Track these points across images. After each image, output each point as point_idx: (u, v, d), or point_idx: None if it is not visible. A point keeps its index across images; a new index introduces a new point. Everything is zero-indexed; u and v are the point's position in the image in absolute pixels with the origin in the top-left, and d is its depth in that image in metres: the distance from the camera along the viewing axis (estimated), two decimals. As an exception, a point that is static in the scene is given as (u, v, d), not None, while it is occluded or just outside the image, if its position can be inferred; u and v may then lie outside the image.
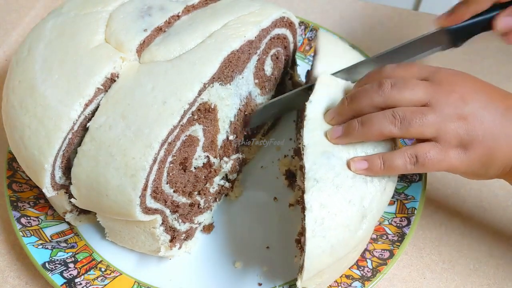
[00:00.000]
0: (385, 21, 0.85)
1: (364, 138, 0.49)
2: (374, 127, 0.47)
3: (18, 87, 0.51)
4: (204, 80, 0.50)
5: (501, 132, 0.47)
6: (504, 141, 0.47)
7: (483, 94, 0.48)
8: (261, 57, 0.60)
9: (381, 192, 0.49)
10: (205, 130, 0.55)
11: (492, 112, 0.47)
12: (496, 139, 0.47)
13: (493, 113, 0.47)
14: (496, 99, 0.48)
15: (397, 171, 0.48)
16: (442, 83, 0.48)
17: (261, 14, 0.57)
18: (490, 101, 0.47)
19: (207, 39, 0.53)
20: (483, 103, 0.47)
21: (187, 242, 0.58)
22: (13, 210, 0.58)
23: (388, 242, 0.56)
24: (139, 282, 0.55)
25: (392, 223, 0.58)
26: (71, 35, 0.53)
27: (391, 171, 0.48)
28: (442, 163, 0.47)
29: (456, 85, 0.48)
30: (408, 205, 0.59)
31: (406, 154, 0.47)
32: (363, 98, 0.49)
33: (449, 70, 0.50)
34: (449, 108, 0.47)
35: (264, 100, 0.65)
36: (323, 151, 0.49)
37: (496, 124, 0.47)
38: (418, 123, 0.46)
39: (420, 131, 0.46)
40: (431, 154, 0.46)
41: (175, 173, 0.53)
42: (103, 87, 0.50)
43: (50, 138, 0.49)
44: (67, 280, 0.53)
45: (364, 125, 0.48)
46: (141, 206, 0.49)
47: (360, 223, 0.48)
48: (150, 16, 0.55)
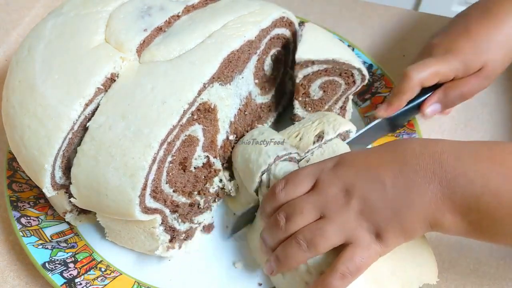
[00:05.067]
0: (385, 21, 0.85)
1: (289, 268, 0.49)
2: (290, 260, 0.48)
3: (18, 87, 0.51)
4: (203, 80, 0.50)
5: (400, 204, 0.45)
6: (406, 211, 0.45)
7: (366, 174, 0.47)
8: (261, 57, 0.60)
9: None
10: (205, 130, 0.55)
11: (379, 189, 0.45)
12: (398, 212, 0.45)
13: (381, 189, 0.45)
14: (383, 170, 0.46)
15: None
16: (324, 186, 0.48)
17: (261, 14, 0.57)
18: (375, 178, 0.46)
19: (207, 39, 0.53)
20: (368, 187, 0.46)
21: (187, 242, 0.58)
22: (13, 210, 0.58)
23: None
24: (139, 282, 0.55)
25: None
26: (71, 35, 0.53)
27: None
28: (373, 258, 0.46)
29: (337, 180, 0.47)
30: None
31: (340, 271, 0.45)
32: (270, 239, 0.50)
33: (329, 163, 0.49)
34: (340, 210, 0.46)
35: (264, 100, 0.65)
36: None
37: (390, 199, 0.45)
38: (322, 240, 0.46)
39: (330, 244, 0.46)
40: (358, 258, 0.45)
41: (175, 173, 0.53)
42: (103, 87, 0.50)
43: (50, 138, 0.49)
44: (67, 280, 0.53)
45: (282, 261, 0.48)
46: (141, 205, 0.49)
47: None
48: (150, 16, 0.55)
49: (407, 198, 0.45)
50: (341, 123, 0.59)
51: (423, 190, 0.44)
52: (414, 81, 0.59)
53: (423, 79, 0.60)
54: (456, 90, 0.61)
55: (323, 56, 0.58)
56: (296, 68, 0.59)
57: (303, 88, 0.61)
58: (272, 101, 0.66)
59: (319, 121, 0.60)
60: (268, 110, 0.67)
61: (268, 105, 0.66)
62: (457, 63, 0.60)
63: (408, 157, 0.46)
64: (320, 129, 0.59)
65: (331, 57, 0.58)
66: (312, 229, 0.47)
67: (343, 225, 0.46)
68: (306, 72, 0.59)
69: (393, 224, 0.45)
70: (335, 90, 0.62)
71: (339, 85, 0.62)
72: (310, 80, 0.60)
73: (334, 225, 0.46)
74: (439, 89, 0.62)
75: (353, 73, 0.61)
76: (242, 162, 0.58)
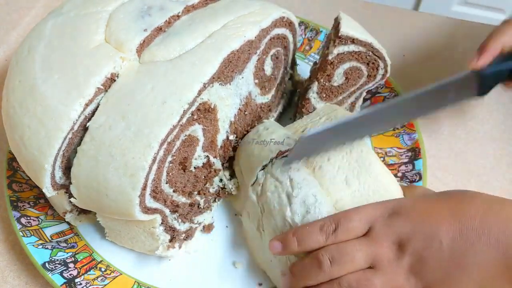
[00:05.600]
0: (385, 21, 0.85)
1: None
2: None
3: (18, 87, 0.51)
4: (204, 80, 0.50)
5: (455, 266, 0.42)
6: (461, 275, 0.42)
7: (422, 229, 0.44)
8: (261, 57, 0.60)
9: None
10: (205, 130, 0.55)
11: (434, 247, 0.43)
12: (451, 275, 0.42)
13: (437, 248, 0.43)
14: (441, 228, 0.43)
15: None
16: (378, 236, 0.45)
17: (261, 14, 0.57)
18: (432, 235, 0.43)
19: (207, 39, 0.53)
20: (424, 244, 0.43)
21: (187, 242, 0.58)
22: (13, 210, 0.58)
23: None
24: (139, 282, 0.55)
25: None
26: (71, 35, 0.53)
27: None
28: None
29: (392, 232, 0.45)
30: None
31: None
32: (306, 277, 0.46)
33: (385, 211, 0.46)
34: (391, 264, 0.44)
35: (264, 100, 0.65)
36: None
37: (446, 260, 0.42)
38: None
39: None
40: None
41: (175, 173, 0.53)
42: (103, 87, 0.50)
43: (50, 138, 0.49)
44: (67, 280, 0.53)
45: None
46: (141, 205, 0.49)
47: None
48: (150, 16, 0.55)
49: (464, 262, 0.42)
50: None
51: (483, 256, 0.41)
52: (497, 40, 0.55)
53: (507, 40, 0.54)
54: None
55: (364, 37, 0.59)
56: (335, 44, 0.59)
57: (331, 67, 0.61)
58: (272, 101, 0.67)
59: (327, 117, 0.59)
60: (268, 110, 0.67)
61: (268, 105, 0.66)
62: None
63: (470, 218, 0.43)
64: None
65: (369, 41, 0.60)
66: (359, 279, 0.44)
67: (392, 280, 0.44)
68: (342, 49, 0.60)
69: (444, 285, 0.43)
70: (356, 80, 0.63)
71: (361, 76, 0.62)
72: (341, 60, 0.61)
73: (383, 278, 0.44)
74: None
75: (379, 66, 0.61)
76: (245, 157, 0.58)
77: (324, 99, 0.64)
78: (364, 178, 0.52)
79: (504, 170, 0.67)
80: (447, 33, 0.83)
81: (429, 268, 0.43)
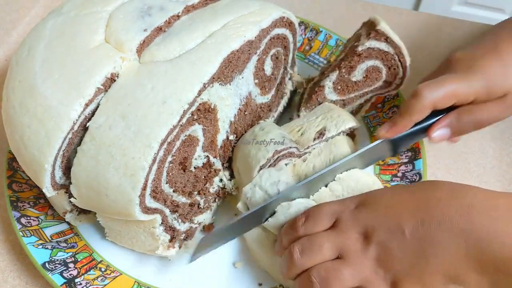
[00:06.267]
0: (385, 21, 0.85)
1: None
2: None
3: (18, 87, 0.51)
4: (204, 80, 0.50)
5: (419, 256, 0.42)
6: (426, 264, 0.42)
7: (386, 220, 0.44)
8: (261, 57, 0.60)
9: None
10: (205, 130, 0.55)
11: (398, 238, 0.43)
12: (416, 265, 0.43)
13: (400, 239, 0.43)
14: (404, 218, 0.44)
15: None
16: (345, 227, 0.46)
17: (261, 14, 0.57)
18: (396, 226, 0.44)
19: (207, 39, 0.53)
20: (388, 234, 0.44)
21: (187, 242, 0.58)
22: (13, 210, 0.58)
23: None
24: (139, 282, 0.55)
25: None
26: (71, 35, 0.53)
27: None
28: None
29: (357, 223, 0.46)
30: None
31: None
32: (285, 271, 0.48)
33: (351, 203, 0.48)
34: (358, 254, 0.45)
35: (264, 100, 0.65)
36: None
37: (409, 250, 0.43)
38: (336, 281, 0.44)
39: (343, 287, 0.44)
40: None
41: (175, 173, 0.53)
42: (103, 87, 0.50)
43: (50, 138, 0.49)
44: (67, 280, 0.53)
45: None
46: (141, 205, 0.49)
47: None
48: (150, 16, 0.55)
49: (427, 251, 0.42)
50: (345, 120, 0.59)
51: (445, 244, 0.41)
52: (425, 101, 0.52)
53: (436, 100, 0.52)
54: (471, 115, 0.53)
55: (397, 38, 0.60)
56: (369, 36, 0.60)
57: (357, 59, 0.61)
58: (272, 101, 0.67)
59: (323, 117, 0.59)
60: (268, 110, 0.67)
61: (268, 105, 0.66)
62: (479, 83, 0.51)
63: (432, 206, 0.43)
64: (323, 125, 0.58)
65: (400, 44, 0.60)
66: (328, 268, 0.45)
67: (359, 271, 0.44)
68: (373, 44, 0.60)
69: (411, 276, 0.43)
70: (373, 81, 0.63)
71: (379, 79, 0.63)
72: (369, 56, 0.61)
73: (350, 268, 0.44)
74: (451, 112, 0.54)
75: (397, 74, 0.62)
76: (242, 158, 0.58)
77: (338, 91, 0.64)
78: (346, 182, 0.55)
79: (504, 170, 0.67)
80: (447, 33, 0.83)
81: (394, 259, 0.43)
